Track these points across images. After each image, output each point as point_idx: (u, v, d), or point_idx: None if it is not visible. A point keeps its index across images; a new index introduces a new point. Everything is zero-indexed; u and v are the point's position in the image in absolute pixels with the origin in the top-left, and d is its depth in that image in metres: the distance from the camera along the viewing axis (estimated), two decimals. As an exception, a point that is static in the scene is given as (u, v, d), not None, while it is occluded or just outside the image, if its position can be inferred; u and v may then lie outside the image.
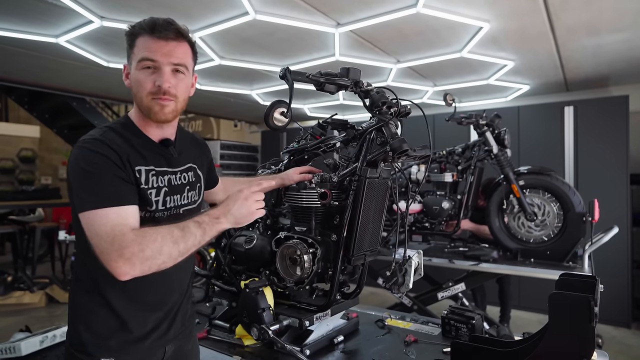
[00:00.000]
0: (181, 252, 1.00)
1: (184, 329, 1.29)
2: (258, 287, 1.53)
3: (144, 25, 1.11)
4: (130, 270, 0.94)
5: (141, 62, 1.10)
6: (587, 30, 2.87)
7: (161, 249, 0.96)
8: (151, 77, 1.10)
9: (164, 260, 0.97)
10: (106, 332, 1.10)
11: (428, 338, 1.68)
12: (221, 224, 1.06)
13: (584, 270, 2.66)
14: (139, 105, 1.14)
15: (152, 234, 0.97)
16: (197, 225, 1.03)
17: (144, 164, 1.12)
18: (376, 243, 1.58)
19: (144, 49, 1.09)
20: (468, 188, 3.10)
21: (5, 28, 2.93)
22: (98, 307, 1.10)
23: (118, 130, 1.13)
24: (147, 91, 1.10)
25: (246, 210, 1.09)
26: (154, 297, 1.18)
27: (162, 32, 1.10)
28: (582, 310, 1.02)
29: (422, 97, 4.92)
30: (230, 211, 1.08)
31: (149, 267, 0.96)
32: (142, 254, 0.94)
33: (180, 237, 0.99)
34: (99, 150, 1.03)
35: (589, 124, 4.30)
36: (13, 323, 3.99)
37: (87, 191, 0.99)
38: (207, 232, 1.04)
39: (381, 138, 1.42)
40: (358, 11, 2.65)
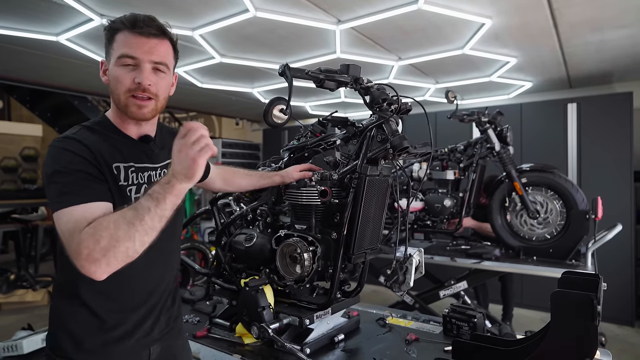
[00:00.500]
0: (142, 231, 0.89)
1: (169, 329, 1.25)
2: (258, 285, 1.52)
3: (125, 20, 1.07)
4: (95, 268, 0.87)
5: (121, 59, 1.06)
6: (590, 26, 2.84)
7: (116, 235, 0.87)
8: (130, 74, 1.07)
9: (127, 246, 0.88)
10: (86, 334, 1.08)
11: (429, 337, 1.68)
12: (173, 186, 0.93)
13: (587, 268, 2.65)
14: (116, 103, 1.11)
15: (103, 222, 0.90)
16: (148, 198, 0.92)
17: (123, 161, 1.09)
18: (377, 241, 1.57)
19: (124, 45, 1.06)
20: (470, 186, 3.09)
21: (5, 26, 2.92)
22: (77, 309, 1.08)
23: (94, 129, 1.11)
24: (126, 88, 1.07)
25: (187, 160, 0.92)
26: (133, 295, 1.14)
27: (143, 29, 1.06)
28: (585, 309, 1.01)
29: (424, 94, 4.89)
30: (174, 169, 0.94)
31: (115, 258, 0.87)
32: (98, 246, 0.86)
33: (133, 216, 0.90)
34: (69, 148, 1.01)
35: (592, 121, 4.27)
36: (16, 321, 4.01)
37: (56, 191, 0.96)
38: (161, 200, 0.92)
39: (381, 135, 1.41)
40: (359, 8, 2.63)
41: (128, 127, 1.15)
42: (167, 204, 0.92)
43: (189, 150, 0.92)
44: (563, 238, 2.85)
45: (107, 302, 1.10)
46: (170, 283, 1.26)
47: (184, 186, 0.94)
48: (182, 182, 0.93)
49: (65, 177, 0.96)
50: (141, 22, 1.06)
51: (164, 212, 0.92)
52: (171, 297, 1.26)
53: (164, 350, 1.23)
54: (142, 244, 0.90)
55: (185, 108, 6.52)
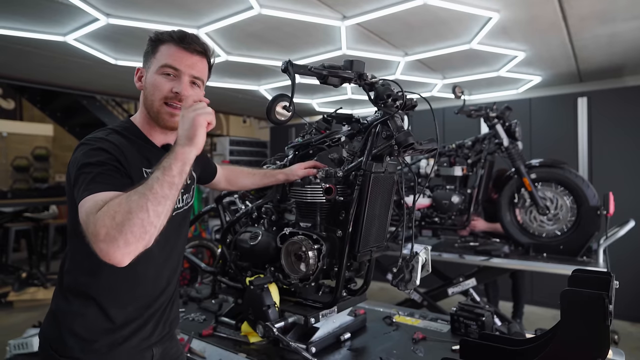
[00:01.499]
0: (154, 200, 0.88)
1: (166, 332, 1.25)
2: (263, 284, 1.51)
3: (173, 34, 1.15)
4: (114, 249, 0.84)
5: (163, 68, 1.13)
6: (601, 18, 2.78)
7: (129, 207, 0.86)
8: (169, 83, 1.13)
9: (141, 217, 0.85)
10: (93, 334, 1.08)
11: (437, 335, 1.66)
12: (176, 151, 0.95)
13: (598, 265, 2.60)
14: (149, 109, 1.16)
15: (115, 199, 0.90)
16: (156, 169, 0.94)
17: (148, 167, 1.11)
18: (383, 239, 1.55)
19: (169, 56, 1.13)
20: (478, 182, 3.05)
21: (14, 27, 2.95)
22: (85, 309, 1.08)
23: (122, 133, 1.14)
24: (163, 95, 1.13)
25: (188, 121, 0.97)
26: (143, 294, 1.15)
27: (190, 45, 1.14)
28: (596, 308, 0.99)
29: (431, 90, 4.84)
30: (179, 135, 0.98)
31: (132, 234, 0.84)
32: (114, 221, 0.84)
33: (144, 187, 0.90)
34: (100, 145, 1.04)
35: (603, 115, 4.20)
36: (28, 318, 4.06)
37: (84, 181, 0.97)
38: (167, 167, 0.93)
39: (386, 132, 1.39)
40: (364, 3, 2.61)
41: (154, 134, 1.20)
42: (173, 171, 0.93)
43: (191, 113, 0.98)
44: (574, 234, 2.81)
45: (117, 302, 1.11)
46: (175, 285, 1.27)
47: (187, 150, 0.96)
48: (185, 145, 0.96)
49: (95, 169, 0.99)
50: (189, 38, 1.15)
51: (172, 179, 0.92)
52: (172, 300, 1.27)
53: (164, 353, 1.24)
54: (157, 215, 0.88)
55: (192, 106, 6.55)
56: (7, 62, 3.95)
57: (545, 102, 4.56)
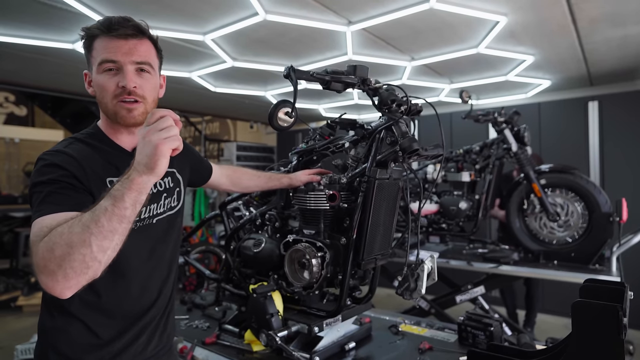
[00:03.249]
0: (99, 234, 0.78)
1: (162, 346, 1.19)
2: (266, 291, 1.49)
3: (100, 25, 1.03)
4: (53, 283, 0.77)
5: (102, 65, 1.02)
6: (612, 21, 2.73)
7: (70, 241, 0.77)
8: (114, 78, 1.02)
9: (83, 252, 0.77)
10: (78, 351, 1.01)
11: (444, 345, 1.62)
12: (133, 180, 0.82)
13: (611, 273, 2.54)
14: (105, 112, 1.07)
15: (58, 228, 0.81)
16: (107, 197, 0.82)
17: (116, 175, 1.02)
18: (388, 246, 1.53)
19: (103, 50, 1.02)
20: (486, 188, 3.01)
21: (24, 35, 2.99)
22: (69, 326, 1.02)
23: (86, 141, 1.06)
24: (111, 94, 1.03)
25: (150, 147, 0.81)
26: (130, 309, 1.09)
27: (119, 30, 1.02)
28: (609, 321, 0.95)
29: (439, 95, 4.80)
30: (136, 160, 0.83)
31: (72, 269, 0.76)
32: (53, 255, 0.76)
33: (89, 218, 0.79)
34: (55, 161, 0.96)
35: (614, 120, 4.12)
36: (36, 323, 4.08)
37: (35, 202, 0.91)
38: (119, 197, 0.80)
39: (391, 137, 1.37)
40: (370, 8, 2.59)
41: (120, 137, 1.10)
42: (126, 202, 0.81)
43: (153, 136, 0.82)
44: (585, 242, 2.75)
45: (102, 317, 1.04)
46: (168, 295, 1.20)
47: (145, 179, 0.83)
48: (143, 174, 0.82)
49: (45, 187, 0.91)
50: (116, 23, 1.02)
51: (123, 212, 0.80)
52: (167, 312, 1.21)
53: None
54: (102, 250, 0.79)
55: (200, 112, 6.58)
56: (18, 69, 4.00)
57: (554, 107, 4.50)
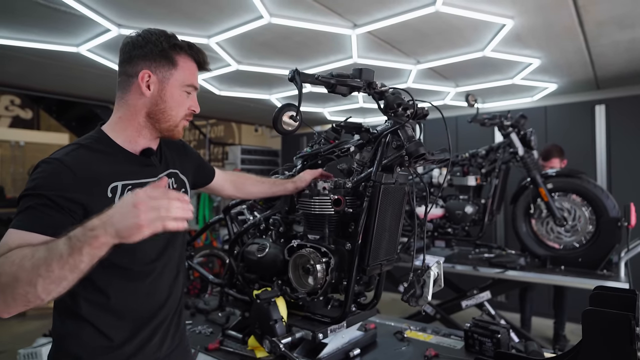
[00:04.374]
0: (47, 279, 0.75)
1: (176, 345, 1.21)
2: (270, 297, 1.47)
3: (192, 47, 1.14)
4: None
5: (187, 86, 1.13)
6: (619, 23, 2.70)
7: (17, 275, 0.75)
8: (187, 100, 1.15)
9: (27, 290, 0.75)
10: (90, 354, 1.02)
11: (450, 352, 1.59)
12: (97, 237, 0.76)
13: (620, 279, 2.50)
14: (164, 121, 1.12)
15: (13, 255, 0.79)
16: (66, 241, 0.78)
17: (121, 179, 1.04)
18: (394, 252, 1.51)
19: (191, 74, 1.14)
20: (493, 192, 2.98)
21: (29, 39, 3.00)
22: (80, 330, 1.02)
23: (91, 147, 1.05)
24: (184, 113, 1.15)
25: (133, 219, 0.76)
26: (141, 311, 1.09)
27: (204, 64, 1.17)
28: (621, 330, 0.92)
29: (444, 98, 4.78)
30: (111, 219, 0.77)
31: (13, 300, 0.76)
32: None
33: (42, 258, 0.76)
34: (47, 170, 0.95)
35: (622, 123, 4.08)
36: (40, 327, 4.09)
37: (16, 212, 0.92)
38: (77, 249, 0.76)
39: (397, 141, 1.35)
40: (375, 11, 2.58)
41: (138, 141, 1.12)
42: (83, 256, 0.76)
43: (145, 213, 0.76)
44: (593, 247, 2.71)
45: (113, 319, 1.05)
46: (177, 297, 1.21)
47: (109, 241, 0.78)
48: (109, 236, 0.77)
49: (29, 200, 0.91)
50: (203, 55, 1.16)
51: (77, 264, 0.76)
52: (178, 311, 1.22)
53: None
54: (46, 292, 0.77)
55: (204, 115, 6.60)
56: (24, 73, 4.02)
57: (561, 110, 4.46)
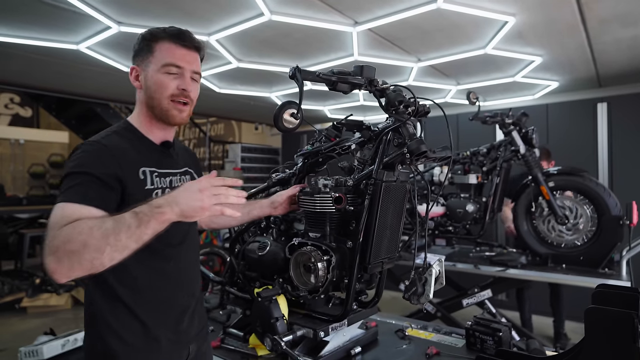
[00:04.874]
0: (114, 247, 0.86)
1: (199, 330, 1.30)
2: (271, 295, 1.47)
3: (168, 31, 1.17)
4: (57, 267, 0.85)
5: (165, 67, 1.15)
6: (622, 21, 2.69)
7: (86, 242, 0.85)
8: (174, 81, 1.16)
9: (93, 256, 0.85)
10: (130, 335, 1.09)
11: (451, 350, 1.59)
12: (163, 213, 0.90)
13: (621, 277, 2.50)
14: (155, 107, 1.18)
15: (81, 224, 0.88)
16: (133, 215, 0.89)
17: (148, 166, 1.14)
18: (395, 250, 1.50)
19: (170, 55, 1.15)
20: (494, 190, 2.97)
21: (29, 37, 3.00)
22: (117, 312, 1.09)
23: (122, 134, 1.17)
24: (169, 93, 1.16)
25: (198, 202, 0.91)
26: (168, 297, 1.17)
27: (186, 42, 1.17)
28: (624, 328, 0.92)
29: (445, 96, 4.77)
30: (177, 199, 0.91)
31: (79, 264, 0.85)
32: (66, 246, 0.85)
33: (111, 229, 0.87)
34: (91, 151, 1.05)
35: (624, 121, 4.07)
36: (40, 325, 4.09)
37: (64, 187, 0.99)
38: (145, 222, 0.88)
39: (398, 139, 1.35)
40: (376, 8, 2.57)
41: (154, 132, 1.22)
42: (148, 229, 0.89)
43: (208, 198, 0.92)
44: (595, 245, 2.70)
45: (146, 304, 1.12)
46: (198, 283, 1.31)
47: (172, 218, 0.92)
48: (174, 214, 0.91)
49: (76, 178, 0.99)
50: (185, 35, 1.18)
51: (142, 236, 0.89)
52: (200, 298, 1.32)
53: (199, 350, 1.29)
54: (110, 259, 0.87)
55: (204, 113, 6.59)
56: (24, 70, 4.01)
57: (563, 108, 4.45)
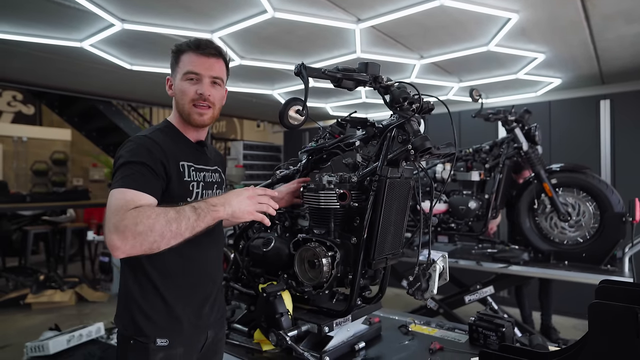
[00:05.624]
0: (174, 234, 1.01)
1: (219, 317, 1.37)
2: (276, 291, 1.48)
3: (190, 43, 1.28)
4: (121, 244, 0.96)
5: (186, 75, 1.26)
6: (625, 18, 2.69)
7: (153, 226, 0.98)
8: (193, 87, 1.26)
9: (155, 239, 0.99)
10: (156, 314, 1.19)
11: (454, 346, 1.60)
12: (217, 212, 1.08)
13: (623, 274, 2.50)
14: (181, 111, 1.29)
15: (147, 210, 1.01)
16: (192, 209, 1.05)
17: (186, 160, 1.25)
18: (399, 246, 1.51)
19: (189, 63, 1.26)
20: (496, 187, 2.98)
21: (32, 34, 3.01)
22: (148, 293, 1.19)
23: (165, 131, 1.29)
24: (190, 98, 1.26)
25: (247, 207, 1.12)
26: (194, 282, 1.25)
27: (205, 50, 1.27)
28: (628, 323, 0.93)
29: (447, 93, 4.77)
30: (230, 202, 1.10)
31: (141, 244, 0.98)
32: (135, 228, 0.97)
33: (174, 218, 1.01)
34: (144, 144, 1.17)
35: (627, 118, 4.07)
36: (45, 320, 4.12)
37: (120, 175, 1.10)
38: (202, 217, 1.05)
39: (402, 136, 1.35)
40: (379, 6, 2.57)
41: (188, 132, 1.34)
42: (203, 223, 1.05)
43: (255, 205, 1.14)
44: (597, 242, 2.71)
45: (174, 289, 1.21)
46: (221, 273, 1.41)
47: (223, 216, 1.09)
48: (224, 214, 1.09)
49: (132, 166, 1.11)
50: (203, 44, 1.27)
51: (196, 228, 1.04)
52: (221, 287, 1.41)
53: (216, 336, 1.35)
54: (167, 244, 1.01)
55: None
56: (26, 68, 4.03)
57: (565, 105, 4.44)
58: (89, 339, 2.68)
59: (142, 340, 1.17)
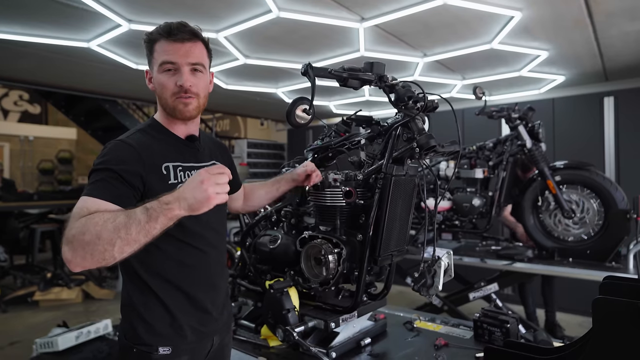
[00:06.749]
0: (125, 240, 0.90)
1: (224, 323, 1.33)
2: (283, 287, 1.51)
3: (160, 30, 1.16)
4: (72, 257, 0.90)
5: (162, 66, 1.16)
6: (629, 15, 2.68)
7: (100, 234, 0.89)
8: (172, 78, 1.16)
9: (105, 248, 0.89)
10: (159, 323, 1.15)
11: (459, 342, 1.62)
12: (172, 210, 0.93)
13: (628, 271, 2.51)
14: (164, 106, 1.20)
15: (96, 217, 0.93)
16: (144, 210, 0.93)
17: (172, 161, 1.17)
18: (404, 243, 1.53)
19: (163, 52, 1.15)
20: (500, 184, 2.99)
21: (40, 35, 3.04)
22: (149, 301, 1.15)
23: (146, 131, 1.20)
24: (170, 92, 1.16)
25: (202, 194, 0.93)
26: (195, 290, 1.20)
27: (177, 35, 1.15)
28: (632, 318, 0.94)
29: (451, 91, 4.77)
30: (184, 195, 0.94)
31: (91, 255, 0.89)
32: (82, 237, 0.89)
33: (123, 223, 0.91)
34: (116, 149, 1.10)
35: (631, 115, 4.06)
36: (53, 317, 4.16)
37: (89, 183, 1.05)
38: (154, 218, 0.92)
39: (407, 134, 1.37)
40: (382, 5, 2.58)
41: (176, 127, 1.24)
42: (157, 224, 0.92)
43: (210, 187, 0.93)
44: (601, 239, 2.71)
45: (178, 296, 1.17)
46: (225, 277, 1.36)
47: (181, 214, 0.94)
48: (183, 210, 0.94)
49: (99, 174, 1.05)
50: (174, 29, 1.15)
51: (151, 230, 0.92)
52: (227, 291, 1.36)
53: (222, 342, 1.32)
54: (121, 252, 0.91)
55: (210, 109, 6.62)
56: (34, 68, 4.06)
57: (569, 102, 4.44)
58: (97, 335, 2.72)
59: (145, 350, 1.13)
